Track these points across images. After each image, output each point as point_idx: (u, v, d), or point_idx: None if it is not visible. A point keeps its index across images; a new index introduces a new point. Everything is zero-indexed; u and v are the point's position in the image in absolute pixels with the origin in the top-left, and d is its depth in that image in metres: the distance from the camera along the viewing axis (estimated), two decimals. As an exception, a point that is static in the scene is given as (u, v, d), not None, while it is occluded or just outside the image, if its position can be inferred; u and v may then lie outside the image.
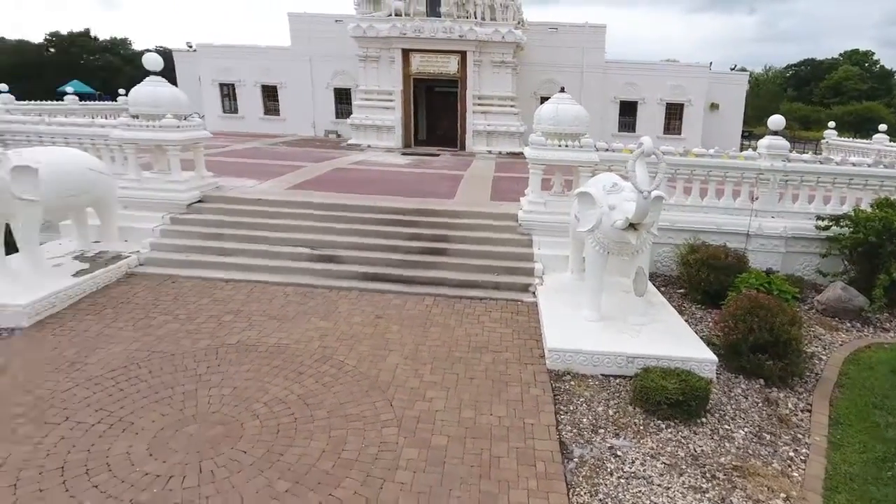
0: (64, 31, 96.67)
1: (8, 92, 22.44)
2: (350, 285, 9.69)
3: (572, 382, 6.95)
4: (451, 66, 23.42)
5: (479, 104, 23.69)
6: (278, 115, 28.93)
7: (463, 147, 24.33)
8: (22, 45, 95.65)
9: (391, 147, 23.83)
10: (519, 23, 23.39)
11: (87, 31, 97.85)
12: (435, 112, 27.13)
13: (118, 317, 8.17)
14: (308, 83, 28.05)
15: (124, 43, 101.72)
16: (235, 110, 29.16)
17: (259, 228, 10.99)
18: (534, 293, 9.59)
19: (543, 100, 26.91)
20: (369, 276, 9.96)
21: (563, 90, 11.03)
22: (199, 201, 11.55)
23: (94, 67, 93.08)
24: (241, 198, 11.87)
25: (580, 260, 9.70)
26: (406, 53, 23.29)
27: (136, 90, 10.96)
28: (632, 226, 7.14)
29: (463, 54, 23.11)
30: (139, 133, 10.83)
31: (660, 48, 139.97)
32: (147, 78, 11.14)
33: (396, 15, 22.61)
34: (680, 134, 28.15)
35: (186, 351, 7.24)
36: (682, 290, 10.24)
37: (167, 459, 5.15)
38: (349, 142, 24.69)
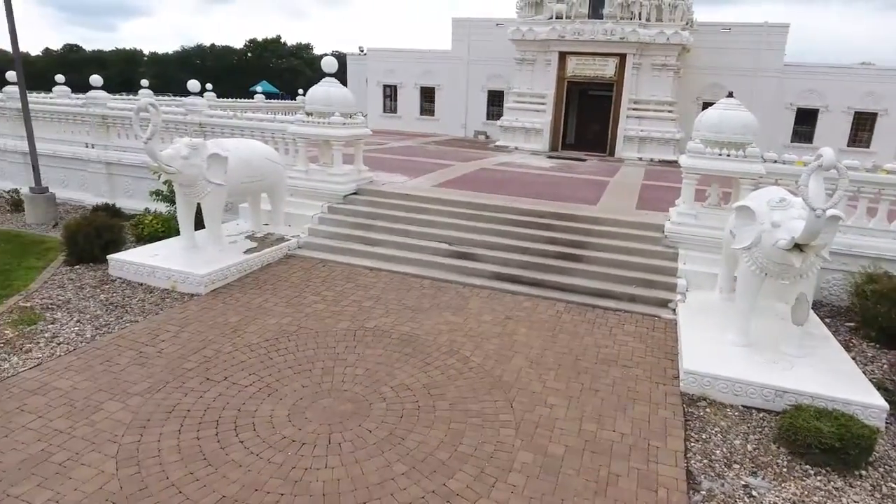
0: (260, 38, 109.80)
1: (212, 91, 25.88)
2: (483, 283, 9.85)
3: (708, 409, 6.45)
4: (608, 68, 22.72)
5: (633, 108, 22.74)
6: (433, 115, 30.13)
7: (612, 153, 23.51)
8: (226, 51, 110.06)
9: (538, 150, 23.71)
10: (688, 23, 22.01)
11: (278, 38, 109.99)
12: (585, 116, 26.53)
13: (275, 293, 9.08)
14: (463, 85, 28.85)
15: (307, 48, 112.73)
16: (395, 110, 30.87)
17: (403, 222, 11.56)
18: (674, 310, 9.04)
19: (706, 105, 25.21)
20: (502, 277, 10.03)
21: (730, 95, 10.23)
22: (355, 193, 12.42)
23: (280, 70, 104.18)
24: (391, 192, 12.56)
25: (730, 279, 8.97)
26: (563, 56, 23.01)
27: (313, 90, 12.08)
28: (797, 247, 6.42)
29: (622, 57, 22.30)
30: (310, 128, 11.92)
31: (841, 49, 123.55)
32: (323, 79, 12.22)
33: (557, 17, 22.43)
34: (868, 147, 24.69)
35: (329, 330, 7.85)
36: (851, 324, 9.02)
37: (302, 427, 5.64)
38: (496, 143, 24.97)
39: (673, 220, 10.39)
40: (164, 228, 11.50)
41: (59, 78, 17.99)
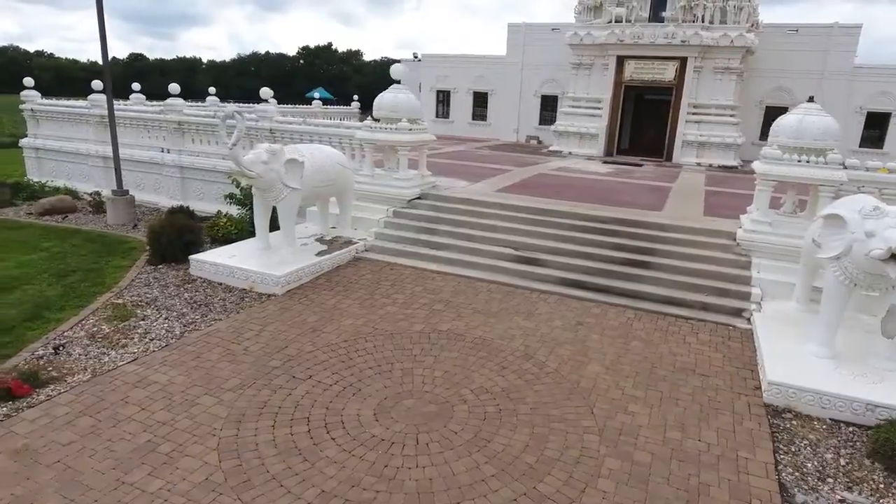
0: (312, 46, 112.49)
1: (273, 97, 26.66)
2: (549, 289, 9.85)
3: (794, 422, 6.29)
4: (667, 72, 22.33)
5: (693, 113, 22.25)
6: (485, 120, 30.22)
7: (669, 158, 23.07)
8: (280, 58, 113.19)
9: (593, 155, 23.48)
10: (753, 25, 21.43)
11: (329, 45, 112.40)
12: (640, 120, 26.13)
13: (348, 294, 9.32)
14: (517, 90, 28.85)
15: (356, 55, 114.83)
16: (447, 115, 31.11)
17: (467, 226, 11.67)
18: (749, 319, 8.84)
19: (769, 110, 24.66)
20: (569, 282, 10.01)
21: (811, 99, 9.93)
22: (419, 198, 12.61)
23: (330, 76, 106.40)
24: (454, 196, 12.69)
25: (808, 289, 8.72)
26: (621, 60, 22.75)
27: (381, 97, 12.35)
28: (893, 257, 6.21)
29: (682, 60, 21.89)
30: (377, 134, 12.18)
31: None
32: (391, 86, 12.47)
33: (616, 21, 22.19)
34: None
35: (403, 332, 8.01)
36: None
37: (390, 427, 5.79)
38: (550, 148, 24.86)
39: (746, 227, 10.15)
40: (237, 230, 11.95)
41: (136, 86, 18.92)
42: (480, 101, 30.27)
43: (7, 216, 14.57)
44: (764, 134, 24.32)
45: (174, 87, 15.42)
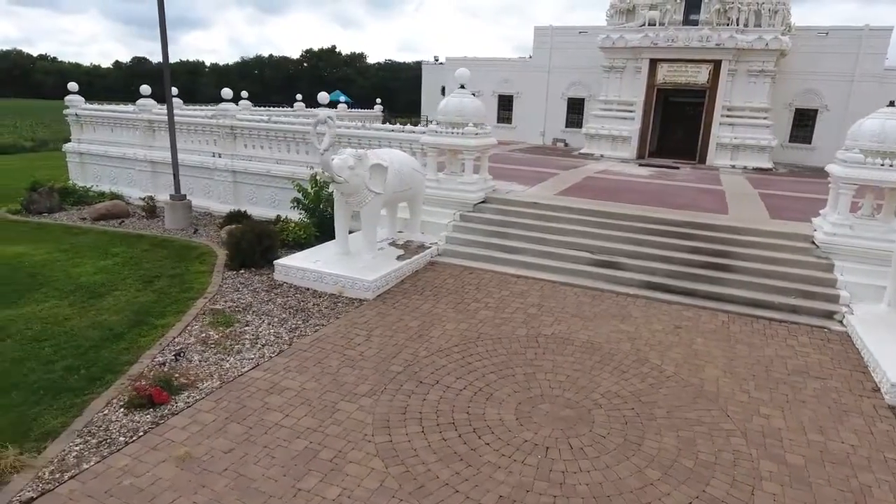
0: (315, 49, 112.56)
1: (301, 101, 26.73)
2: (634, 292, 9.89)
3: (925, 424, 6.33)
4: (700, 75, 22.44)
5: (727, 115, 22.35)
6: (510, 123, 30.29)
7: (702, 160, 23.16)
8: (283, 61, 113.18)
9: (625, 158, 23.55)
10: (787, 28, 21.56)
11: (333, 48, 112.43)
12: (668, 123, 26.22)
13: (438, 299, 9.34)
14: (543, 93, 28.93)
15: (360, 57, 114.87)
16: (471, 118, 31.12)
17: (538, 230, 11.71)
18: (841, 322, 8.90)
19: (799, 112, 24.77)
20: (652, 286, 10.05)
21: (892, 104, 9.96)
22: (483, 202, 12.64)
23: (334, 79, 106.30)
24: (519, 201, 12.73)
25: (903, 292, 8.78)
26: (654, 63, 22.86)
27: (447, 101, 12.40)
28: None
29: (716, 63, 22.00)
30: (444, 139, 12.21)
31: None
32: (455, 90, 12.53)
33: (650, 24, 22.30)
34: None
35: (508, 336, 8.03)
36: None
37: (537, 431, 5.81)
38: (581, 151, 24.92)
39: (826, 230, 10.21)
40: (305, 235, 11.96)
41: (145, 89, 18.19)
42: (505, 104, 30.34)
43: (62, 221, 14.54)
44: (794, 136, 24.53)
45: (226, 93, 15.41)
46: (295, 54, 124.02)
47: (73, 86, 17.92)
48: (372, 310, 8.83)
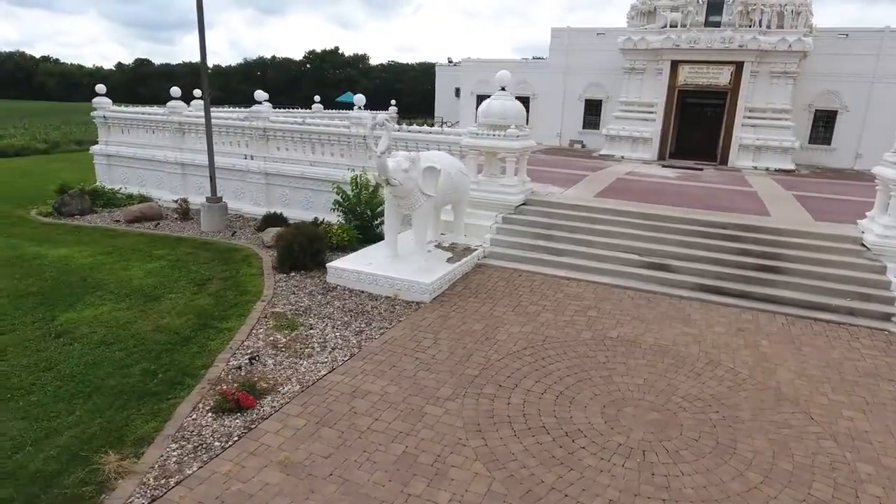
0: (318, 49, 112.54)
1: (319, 102, 26.72)
2: (687, 295, 9.89)
3: None
4: (722, 77, 22.47)
5: (749, 117, 22.38)
6: (526, 124, 30.20)
7: (724, 161, 23.19)
8: (286, 62, 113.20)
9: (646, 159, 23.58)
10: (809, 29, 21.59)
11: (335, 49, 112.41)
12: (685, 124, 26.21)
13: (495, 302, 9.33)
14: (559, 95, 28.94)
15: (363, 58, 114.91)
16: (487, 119, 31.14)
17: (582, 232, 11.70)
18: (900, 324, 8.91)
19: (819, 113, 24.77)
20: (704, 288, 10.05)
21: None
22: (524, 204, 12.64)
23: (336, 80, 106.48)
24: (561, 203, 12.73)
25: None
26: (675, 65, 22.88)
27: (489, 104, 12.38)
28: None
29: (738, 65, 22.03)
30: (486, 141, 12.21)
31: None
32: (496, 93, 12.53)
33: (672, 26, 22.33)
34: None
35: (575, 339, 8.03)
36: None
37: (629, 435, 5.80)
38: (601, 152, 24.92)
39: (877, 233, 10.22)
40: (348, 238, 11.95)
41: (175, 91, 18.04)
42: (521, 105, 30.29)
43: (97, 223, 14.51)
44: (813, 137, 24.56)
45: (260, 94, 15.38)
46: (297, 55, 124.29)
47: (100, 88, 17.90)
48: (432, 313, 8.82)
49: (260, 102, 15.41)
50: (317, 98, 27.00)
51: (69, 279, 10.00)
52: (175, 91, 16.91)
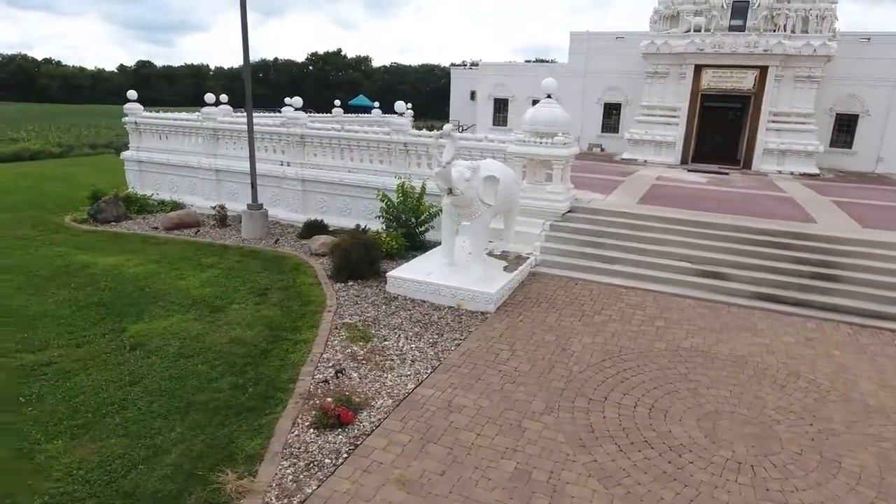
0: (321, 51, 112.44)
1: (339, 106, 26.70)
2: (746, 303, 9.92)
3: None
4: (746, 81, 22.53)
5: (773, 121, 22.44)
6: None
7: (748, 165, 23.24)
8: (288, 64, 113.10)
9: (670, 163, 23.63)
10: (833, 34, 21.66)
11: (338, 51, 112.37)
12: (707, 127, 26.25)
13: (559, 311, 9.33)
14: (578, 98, 28.96)
15: (366, 60, 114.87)
16: (505, 122, 31.20)
17: (632, 240, 11.73)
18: (964, 333, 8.94)
19: (840, 117, 24.84)
20: (762, 297, 10.08)
21: None
22: (570, 211, 12.65)
23: (339, 81, 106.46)
24: (607, 210, 12.75)
25: None
26: (698, 69, 22.93)
27: (536, 111, 12.39)
28: None
29: (763, 69, 22.10)
30: (534, 148, 12.23)
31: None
32: (543, 100, 12.56)
33: (696, 31, 22.37)
34: None
35: (649, 350, 8.04)
36: None
37: (733, 450, 5.81)
38: (623, 156, 24.96)
39: (935, 240, 10.26)
40: (397, 246, 11.95)
41: (132, 94, 17.79)
42: (539, 109, 30.38)
43: (135, 230, 14.49)
44: (835, 141, 24.63)
45: (297, 101, 15.42)
46: (298, 57, 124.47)
47: (132, 94, 17.85)
48: (500, 323, 8.83)
49: (296, 108, 15.39)
50: (337, 102, 27.02)
51: (126, 289, 9.99)
52: (209, 97, 16.89)
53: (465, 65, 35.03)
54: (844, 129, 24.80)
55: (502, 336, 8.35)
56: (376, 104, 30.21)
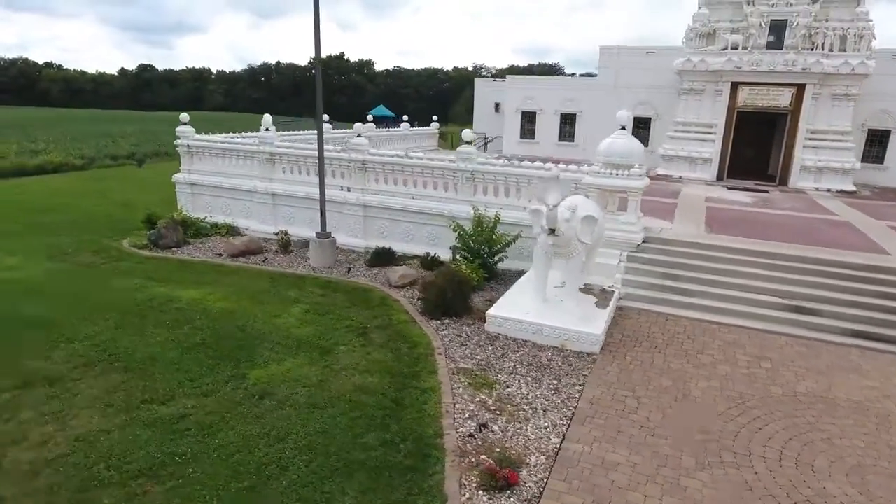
0: (324, 55, 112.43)
1: (406, 121, 26.65)
2: (841, 341, 10.09)
3: None
4: (783, 98, 22.76)
5: (810, 138, 22.67)
6: (572, 140, 30.51)
7: (783, 181, 23.47)
8: (291, 68, 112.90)
9: (707, 179, 23.84)
10: (870, 52, 21.91)
11: (341, 55, 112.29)
12: (739, 143, 26.46)
13: (662, 352, 9.46)
14: (607, 112, 28.98)
15: (369, 64, 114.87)
16: (532, 135, 31.36)
17: (709, 272, 11.86)
18: None
19: (872, 133, 25.12)
20: (857, 333, 10.24)
21: None
22: (644, 241, 12.79)
23: (342, 85, 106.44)
24: (678, 240, 12.88)
25: None
26: (734, 86, 23.14)
27: (612, 143, 12.47)
28: None
29: (800, 87, 22.32)
30: (612, 180, 12.35)
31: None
32: (617, 132, 12.65)
33: (733, 48, 22.57)
34: None
35: (767, 395, 8.17)
36: None
37: (897, 509, 5.95)
38: (658, 171, 25.12)
39: None
40: (477, 279, 12.04)
41: (266, 119, 17.72)
42: (568, 122, 30.56)
43: (199, 257, 14.53)
44: (867, 156, 24.89)
45: (368, 126, 15.43)
46: (298, 59, 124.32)
47: (184, 116, 17.87)
48: (611, 366, 8.94)
49: (358, 136, 15.47)
50: (369, 117, 27.01)
51: (224, 328, 10.03)
52: (266, 120, 16.88)
53: (491, 76, 35.25)
54: (877, 143, 25.08)
55: (620, 382, 8.46)
56: (405, 118, 30.28)
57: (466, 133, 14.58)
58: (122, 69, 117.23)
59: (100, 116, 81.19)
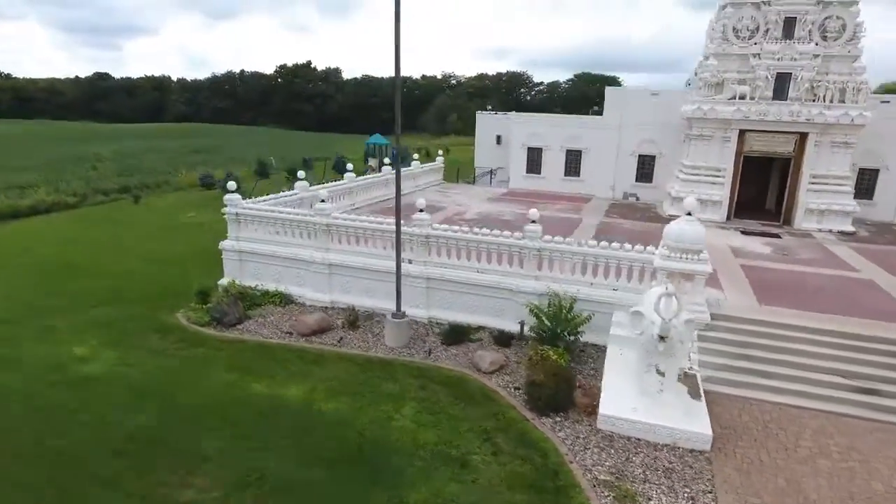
0: (290, 63, 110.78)
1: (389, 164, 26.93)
2: (908, 422, 11.17)
3: None
4: (787, 145, 24.29)
5: (813, 183, 24.26)
6: (578, 176, 31.54)
7: (787, 221, 25.02)
8: (256, 76, 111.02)
9: (716, 220, 25.15)
10: (867, 105, 23.61)
11: (308, 63, 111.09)
12: (742, 182, 27.75)
13: (761, 446, 10.35)
14: (612, 149, 30.30)
15: (336, 72, 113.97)
16: (538, 171, 32.26)
17: (775, 351, 12.84)
18: None
19: (863, 171, 26.96)
20: (920, 414, 11.36)
21: None
22: (711, 319, 13.71)
23: (310, 94, 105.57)
24: (738, 317, 13.83)
25: None
26: (741, 133, 24.53)
27: (683, 230, 13.25)
28: None
29: (803, 135, 23.85)
30: (683, 264, 13.18)
31: None
32: (684, 217, 13.48)
33: (741, 98, 23.92)
34: None
35: (871, 492, 9.14)
36: None
37: None
38: (668, 213, 26.31)
39: None
40: (564, 362, 12.69)
41: (322, 195, 18.25)
42: (573, 158, 31.59)
43: (270, 339, 14.69)
44: (858, 193, 26.71)
45: (420, 203, 15.80)
46: (264, 68, 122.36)
47: (231, 185, 17.92)
48: (727, 467, 9.76)
49: (420, 210, 15.86)
50: (386, 160, 27.25)
51: (348, 437, 10.40)
52: (321, 197, 17.06)
53: (492, 111, 36.03)
54: (865, 180, 26.95)
55: (743, 486, 9.28)
56: (416, 156, 30.61)
57: (532, 212, 15.19)
58: (77, 77, 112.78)
59: (65, 132, 78.12)
